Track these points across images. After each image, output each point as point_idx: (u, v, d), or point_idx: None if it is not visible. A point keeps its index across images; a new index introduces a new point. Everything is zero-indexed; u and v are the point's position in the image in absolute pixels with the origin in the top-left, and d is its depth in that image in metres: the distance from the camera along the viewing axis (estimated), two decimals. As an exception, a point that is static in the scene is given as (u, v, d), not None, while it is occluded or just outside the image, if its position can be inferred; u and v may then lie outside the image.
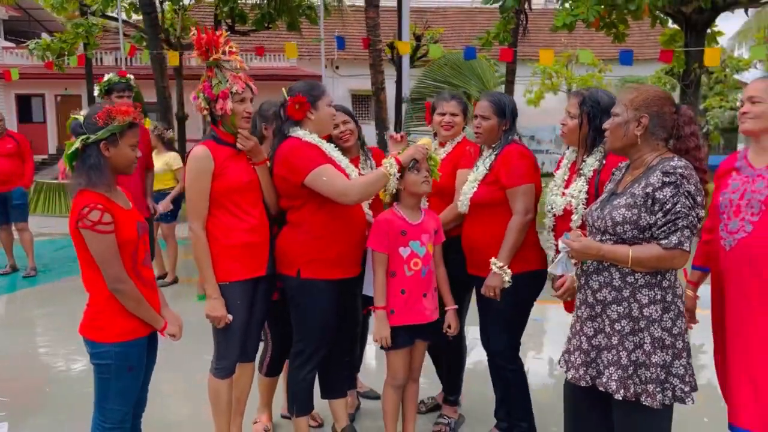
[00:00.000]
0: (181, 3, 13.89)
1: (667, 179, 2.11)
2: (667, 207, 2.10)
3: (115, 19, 14.96)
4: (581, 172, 2.75)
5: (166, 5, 14.12)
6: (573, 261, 2.35)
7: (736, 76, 19.35)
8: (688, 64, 10.62)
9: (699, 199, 2.14)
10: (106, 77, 5.03)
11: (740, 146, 22.14)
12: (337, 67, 20.87)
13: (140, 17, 13.75)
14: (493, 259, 2.85)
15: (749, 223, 2.36)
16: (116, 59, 21.04)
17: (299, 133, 2.82)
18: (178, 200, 6.43)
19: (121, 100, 4.87)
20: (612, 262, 2.20)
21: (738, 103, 2.58)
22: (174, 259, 6.51)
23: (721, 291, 2.51)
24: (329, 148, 2.85)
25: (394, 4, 12.90)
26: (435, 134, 3.41)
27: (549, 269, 2.49)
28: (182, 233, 6.83)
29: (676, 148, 2.25)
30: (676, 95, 13.08)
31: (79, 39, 14.73)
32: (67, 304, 6.15)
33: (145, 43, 13.62)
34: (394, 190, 2.81)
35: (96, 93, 5.04)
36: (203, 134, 6.44)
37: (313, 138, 2.82)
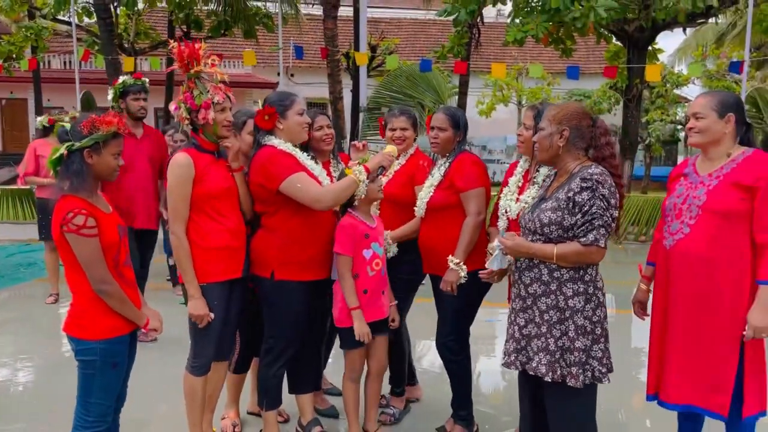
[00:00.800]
0: (135, 8, 13.75)
1: (584, 184, 2.38)
2: (585, 209, 2.37)
3: (65, 23, 14.71)
4: (534, 180, 3.00)
5: (120, 10, 13.95)
6: (508, 258, 2.63)
7: (676, 91, 20.19)
8: (630, 79, 11.18)
9: (613, 201, 2.41)
10: (120, 80, 4.68)
11: (680, 158, 23.04)
12: (292, 75, 20.92)
13: (92, 21, 13.57)
14: (450, 257, 3.06)
15: (687, 226, 2.62)
16: (64, 63, 20.60)
17: (274, 141, 2.97)
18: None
19: (137, 102, 4.61)
20: (541, 259, 2.47)
21: (679, 117, 2.82)
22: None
23: (661, 286, 2.76)
24: (303, 157, 3.00)
25: (350, 14, 13.10)
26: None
27: (486, 264, 2.76)
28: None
29: (595, 156, 2.52)
30: (619, 109, 13.69)
31: (28, 42, 14.43)
32: (21, 311, 6.10)
33: (97, 48, 13.44)
34: (363, 196, 2.99)
35: (110, 97, 4.66)
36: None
37: (287, 146, 2.96)
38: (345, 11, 14.78)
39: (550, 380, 2.43)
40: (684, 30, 11.40)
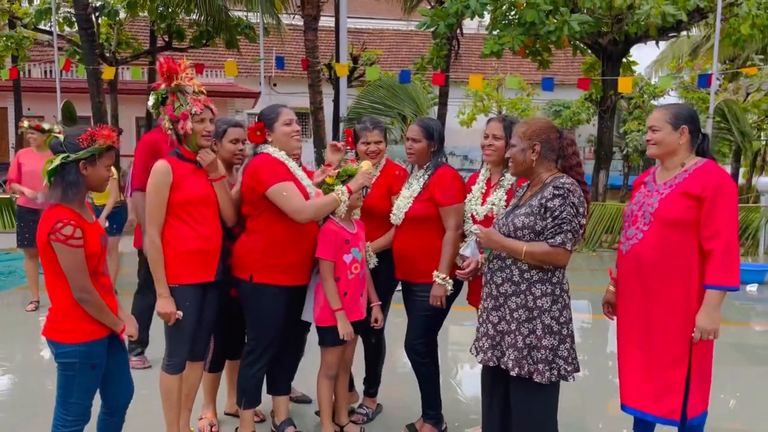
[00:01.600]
0: (117, 18, 13.82)
1: (556, 192, 2.56)
2: (555, 214, 2.54)
3: (46, 32, 14.72)
4: (501, 184, 3.19)
5: (101, 20, 14.00)
6: (480, 252, 2.80)
7: (653, 102, 20.58)
8: (605, 90, 11.44)
9: (581, 209, 2.58)
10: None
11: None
12: (274, 85, 21.03)
13: (73, 30, 13.60)
14: (435, 273, 3.18)
15: (641, 232, 2.77)
16: (45, 72, 20.53)
17: (269, 149, 3.14)
18: (121, 214, 6.49)
19: None
20: (510, 255, 2.62)
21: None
22: (115, 272, 6.56)
23: (619, 288, 2.91)
24: (294, 167, 3.15)
25: (332, 24, 13.25)
26: (357, 156, 3.62)
27: (460, 251, 2.94)
28: (123, 248, 6.89)
29: (563, 166, 2.70)
30: (595, 120, 13.96)
31: (8, 51, 14.43)
32: (1, 318, 6.12)
33: (78, 57, 13.47)
34: (342, 215, 3.14)
35: (150, 103, 4.42)
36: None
37: (281, 155, 3.13)
38: (328, 21, 14.94)
39: (516, 375, 2.58)
40: (657, 43, 11.68)
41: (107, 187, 2.75)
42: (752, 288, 7.72)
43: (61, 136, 2.51)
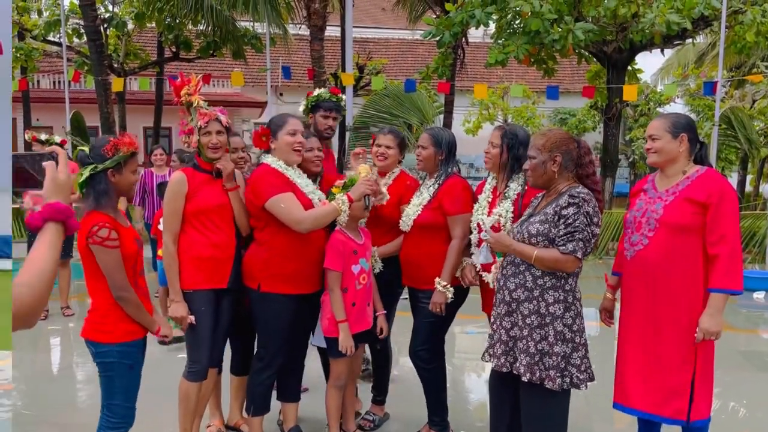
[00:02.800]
0: (125, 29, 13.97)
1: (572, 200, 2.59)
2: (569, 222, 2.57)
3: (55, 44, 14.89)
4: (506, 194, 3.19)
5: (110, 31, 14.16)
6: (492, 257, 2.87)
7: (659, 109, 20.54)
8: (610, 98, 11.45)
9: (595, 219, 2.61)
10: (316, 92, 4.07)
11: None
12: (281, 94, 21.13)
13: (82, 41, 13.75)
14: (437, 279, 3.22)
15: (646, 238, 2.81)
16: (54, 82, 20.71)
17: (268, 159, 3.18)
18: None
19: (326, 120, 3.95)
20: (523, 261, 2.65)
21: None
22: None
23: (624, 293, 2.94)
24: (294, 175, 3.18)
25: (338, 34, 13.33)
26: (375, 163, 3.73)
27: (473, 258, 3.00)
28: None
29: (579, 174, 2.73)
30: (601, 127, 13.95)
31: (18, 63, 14.58)
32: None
33: (87, 68, 13.61)
34: (344, 223, 3.17)
35: (301, 108, 4.11)
36: (146, 161, 6.56)
37: (279, 165, 3.16)
38: (334, 31, 15.04)
39: (527, 380, 2.60)
40: (662, 51, 11.70)
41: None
42: (759, 295, 7.70)
43: (87, 149, 2.60)
